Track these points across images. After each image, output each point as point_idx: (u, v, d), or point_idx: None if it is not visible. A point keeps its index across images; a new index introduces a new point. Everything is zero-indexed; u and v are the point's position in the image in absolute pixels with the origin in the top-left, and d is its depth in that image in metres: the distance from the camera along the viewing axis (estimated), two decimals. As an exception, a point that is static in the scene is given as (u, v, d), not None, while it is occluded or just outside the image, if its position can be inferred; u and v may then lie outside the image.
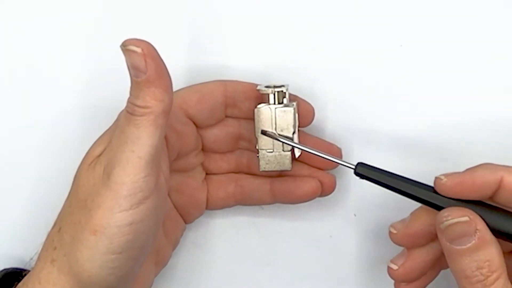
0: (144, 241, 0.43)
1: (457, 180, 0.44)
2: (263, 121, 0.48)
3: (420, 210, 0.46)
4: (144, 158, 0.41)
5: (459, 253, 0.42)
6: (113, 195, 0.41)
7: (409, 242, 0.47)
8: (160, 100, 0.41)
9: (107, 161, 0.42)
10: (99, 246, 0.41)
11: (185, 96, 0.47)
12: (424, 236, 0.46)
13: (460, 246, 0.42)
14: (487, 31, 0.50)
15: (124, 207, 0.41)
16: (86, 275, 0.42)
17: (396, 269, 0.47)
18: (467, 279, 0.42)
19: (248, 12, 0.52)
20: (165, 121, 0.42)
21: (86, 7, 0.52)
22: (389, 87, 0.51)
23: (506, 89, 0.50)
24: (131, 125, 0.41)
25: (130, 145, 0.41)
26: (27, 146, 0.54)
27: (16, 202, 0.54)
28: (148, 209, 0.42)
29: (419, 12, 0.50)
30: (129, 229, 0.41)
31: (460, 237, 0.42)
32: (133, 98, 0.41)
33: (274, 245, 0.54)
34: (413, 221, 0.46)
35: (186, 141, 0.48)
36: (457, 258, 0.42)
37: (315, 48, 0.52)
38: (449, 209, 0.43)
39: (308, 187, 0.50)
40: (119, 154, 0.41)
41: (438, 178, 0.44)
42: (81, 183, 0.43)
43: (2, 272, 0.50)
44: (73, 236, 0.42)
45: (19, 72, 0.53)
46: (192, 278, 0.54)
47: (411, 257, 0.47)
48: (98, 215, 0.41)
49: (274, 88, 0.47)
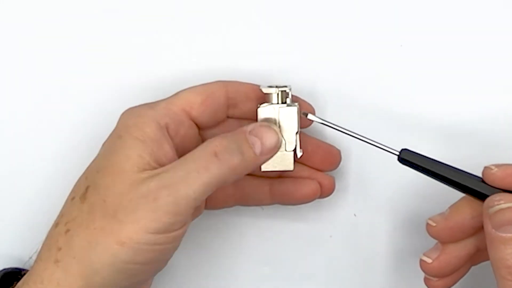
0: (169, 255, 0.44)
1: (508, 171, 0.43)
2: (265, 120, 0.47)
3: (461, 202, 0.45)
4: (199, 199, 0.42)
5: (503, 240, 0.41)
6: (156, 219, 0.41)
7: (447, 235, 0.45)
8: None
9: (158, 187, 0.42)
10: (123, 256, 0.41)
11: (188, 98, 0.47)
12: (463, 230, 0.45)
13: (506, 234, 0.41)
14: (487, 31, 0.50)
15: (160, 230, 0.42)
16: (100, 277, 0.42)
17: (430, 263, 0.46)
18: (507, 269, 0.41)
19: (248, 12, 0.52)
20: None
21: (89, 11, 0.52)
22: (389, 87, 0.51)
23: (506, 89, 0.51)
24: (215, 165, 0.42)
25: (189, 186, 0.42)
26: (27, 146, 0.54)
27: (14, 201, 0.54)
28: (181, 233, 0.43)
29: (419, 12, 0.51)
30: (158, 247, 0.42)
31: (508, 224, 0.41)
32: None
33: (274, 245, 0.54)
34: (453, 214, 0.45)
35: (188, 144, 0.48)
36: (499, 246, 0.41)
37: (315, 49, 0.52)
38: (502, 194, 0.42)
39: (307, 189, 0.50)
40: (178, 189, 0.42)
41: (487, 168, 0.44)
42: (113, 193, 0.43)
43: (1, 272, 0.50)
44: (90, 241, 0.42)
45: (20, 73, 0.53)
46: (192, 278, 0.54)
47: (446, 251, 0.46)
48: (130, 230, 0.41)
49: (277, 88, 0.47)
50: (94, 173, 0.44)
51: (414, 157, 0.45)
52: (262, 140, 0.45)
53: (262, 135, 0.45)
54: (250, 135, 0.45)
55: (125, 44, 0.52)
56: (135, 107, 0.47)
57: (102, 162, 0.45)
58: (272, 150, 0.46)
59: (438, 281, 0.46)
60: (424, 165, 0.44)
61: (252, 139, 0.45)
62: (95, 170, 0.45)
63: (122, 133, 0.45)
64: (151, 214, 0.41)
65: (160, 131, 0.45)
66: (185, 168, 0.42)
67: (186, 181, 0.42)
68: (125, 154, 0.43)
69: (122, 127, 0.45)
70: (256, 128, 0.46)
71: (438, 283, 0.47)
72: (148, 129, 0.44)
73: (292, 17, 0.52)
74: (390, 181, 0.52)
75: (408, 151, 0.45)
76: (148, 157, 0.43)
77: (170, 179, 0.42)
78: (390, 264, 0.53)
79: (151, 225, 0.41)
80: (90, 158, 0.47)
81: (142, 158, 0.43)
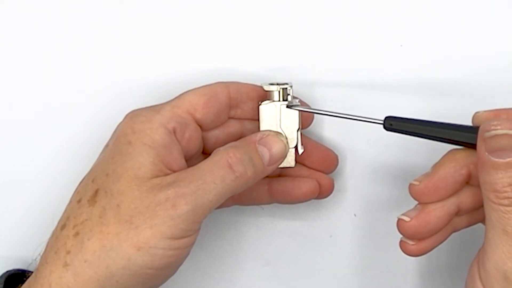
0: (181, 261, 0.45)
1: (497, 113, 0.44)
2: (267, 117, 0.48)
3: (443, 158, 0.45)
4: (213, 207, 0.44)
5: (495, 165, 0.41)
6: (174, 225, 0.43)
7: (430, 193, 0.45)
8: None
9: (176, 195, 0.43)
10: (139, 261, 0.43)
11: (192, 100, 0.47)
12: (445, 186, 0.45)
13: (498, 159, 0.41)
14: (487, 31, 0.51)
15: (177, 236, 0.43)
16: (114, 281, 0.43)
17: (408, 221, 0.45)
18: (495, 193, 0.41)
19: (248, 13, 0.52)
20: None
21: (91, 12, 0.52)
22: (389, 87, 0.52)
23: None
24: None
25: (206, 196, 0.43)
26: (29, 148, 0.53)
27: (18, 203, 0.54)
28: (194, 239, 0.45)
29: (419, 12, 0.51)
30: (173, 253, 0.43)
31: (502, 149, 0.41)
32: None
33: (274, 245, 0.54)
34: (436, 169, 0.45)
35: (192, 147, 0.48)
36: (490, 170, 0.41)
37: (315, 49, 0.52)
38: (500, 119, 0.42)
39: (306, 188, 0.50)
40: (196, 198, 0.43)
41: (477, 113, 0.44)
42: (128, 199, 0.43)
43: (5, 274, 0.50)
44: (104, 245, 0.43)
45: (20, 74, 0.53)
46: (192, 278, 0.54)
47: (426, 210, 0.45)
48: (147, 235, 0.43)
49: (278, 86, 0.48)
50: (102, 177, 0.45)
51: (398, 122, 0.45)
52: (270, 151, 0.47)
53: (270, 146, 0.47)
54: (259, 145, 0.46)
55: (126, 45, 0.52)
56: (140, 110, 0.47)
57: (111, 166, 0.45)
58: (279, 160, 0.47)
59: (414, 245, 0.46)
60: (409, 128, 0.45)
61: (261, 150, 0.46)
62: (103, 174, 0.45)
63: (132, 139, 0.45)
64: (169, 221, 0.43)
65: (168, 136, 0.45)
66: (203, 178, 0.44)
67: (203, 191, 0.43)
68: (137, 160, 0.44)
69: (131, 132, 0.45)
70: (265, 138, 0.47)
71: (413, 247, 0.46)
72: (158, 135, 0.45)
73: (292, 18, 0.52)
74: (390, 181, 0.52)
75: (391, 117, 0.45)
76: (160, 163, 0.44)
77: (188, 188, 0.43)
78: (390, 264, 0.53)
79: (168, 231, 0.43)
80: (92, 158, 0.47)
81: (155, 165, 0.44)
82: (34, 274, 0.45)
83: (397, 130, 0.45)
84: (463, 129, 0.44)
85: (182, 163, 0.46)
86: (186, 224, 0.43)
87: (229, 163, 0.44)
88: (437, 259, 0.53)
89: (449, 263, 0.53)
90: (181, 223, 0.43)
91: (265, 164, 0.46)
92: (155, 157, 0.44)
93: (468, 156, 0.44)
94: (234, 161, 0.44)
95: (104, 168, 0.45)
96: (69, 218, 0.45)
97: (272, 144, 0.47)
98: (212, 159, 0.45)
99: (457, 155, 0.45)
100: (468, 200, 0.45)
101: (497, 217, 0.41)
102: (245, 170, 0.45)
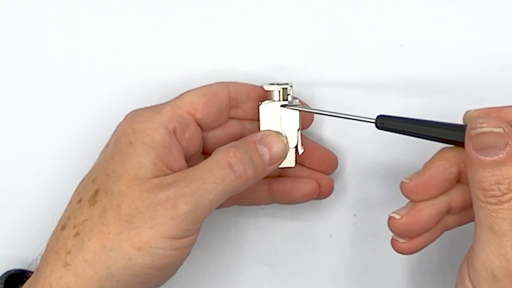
0: (182, 261, 0.45)
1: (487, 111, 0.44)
2: (267, 117, 0.48)
3: (434, 157, 0.45)
4: (214, 207, 0.44)
5: (482, 163, 0.41)
6: (174, 225, 0.43)
7: (420, 190, 0.45)
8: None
9: (177, 195, 0.43)
10: (139, 261, 0.43)
11: (192, 100, 0.47)
12: (436, 184, 0.45)
13: (485, 157, 0.41)
14: (487, 31, 0.51)
15: (177, 236, 0.43)
16: (115, 281, 0.43)
17: (399, 219, 0.45)
18: (482, 191, 0.41)
19: (248, 13, 0.52)
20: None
21: (91, 12, 0.52)
22: (389, 87, 0.52)
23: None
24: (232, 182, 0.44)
25: (207, 196, 0.43)
26: (29, 148, 0.54)
27: (18, 203, 0.54)
28: (195, 238, 0.45)
29: (419, 12, 0.51)
30: (174, 252, 0.44)
31: (488, 147, 0.41)
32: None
33: (274, 245, 0.54)
34: (427, 167, 0.45)
35: (192, 147, 0.48)
36: (478, 168, 0.41)
37: (315, 49, 0.52)
38: (486, 117, 0.42)
39: (306, 188, 0.50)
40: (196, 198, 0.43)
41: (467, 112, 0.44)
42: (128, 199, 0.43)
43: (6, 274, 0.50)
44: (104, 245, 0.43)
45: (21, 74, 0.53)
46: (192, 278, 0.54)
47: (417, 208, 0.45)
48: (147, 235, 0.43)
49: (278, 85, 0.48)
50: (103, 177, 0.45)
51: (390, 120, 0.45)
52: (271, 151, 0.47)
53: (271, 146, 0.47)
54: (260, 145, 0.46)
55: (126, 45, 0.52)
56: (140, 110, 0.47)
57: (111, 166, 0.45)
58: (279, 159, 0.47)
59: (405, 243, 0.46)
60: (401, 127, 0.45)
61: (262, 149, 0.46)
62: (103, 174, 0.45)
63: (132, 139, 0.45)
64: (169, 221, 0.43)
65: (168, 136, 0.45)
66: (203, 178, 0.44)
67: (204, 191, 0.43)
68: (138, 161, 0.44)
69: (131, 132, 0.45)
70: (265, 138, 0.47)
71: (404, 245, 0.46)
72: (158, 135, 0.45)
73: (292, 18, 0.52)
74: (390, 181, 0.52)
75: (383, 116, 0.45)
76: (160, 163, 0.44)
77: (188, 188, 0.43)
78: (390, 264, 0.53)
79: (168, 231, 0.43)
80: (92, 158, 0.47)
81: (155, 165, 0.44)
82: (35, 274, 0.45)
83: (389, 129, 0.45)
84: (452, 128, 0.44)
85: (182, 163, 0.46)
86: (187, 224, 0.43)
87: (230, 163, 0.44)
88: (437, 259, 0.53)
89: (449, 263, 0.53)
90: (181, 223, 0.43)
91: (265, 164, 0.46)
92: (155, 157, 0.44)
93: (458, 154, 0.44)
94: (234, 161, 0.44)
95: (104, 168, 0.45)
96: (70, 218, 0.45)
97: (272, 144, 0.47)
98: (213, 159, 0.45)
99: (448, 154, 0.45)
100: (458, 198, 0.45)
101: (484, 215, 0.41)
102: (246, 170, 0.45)
